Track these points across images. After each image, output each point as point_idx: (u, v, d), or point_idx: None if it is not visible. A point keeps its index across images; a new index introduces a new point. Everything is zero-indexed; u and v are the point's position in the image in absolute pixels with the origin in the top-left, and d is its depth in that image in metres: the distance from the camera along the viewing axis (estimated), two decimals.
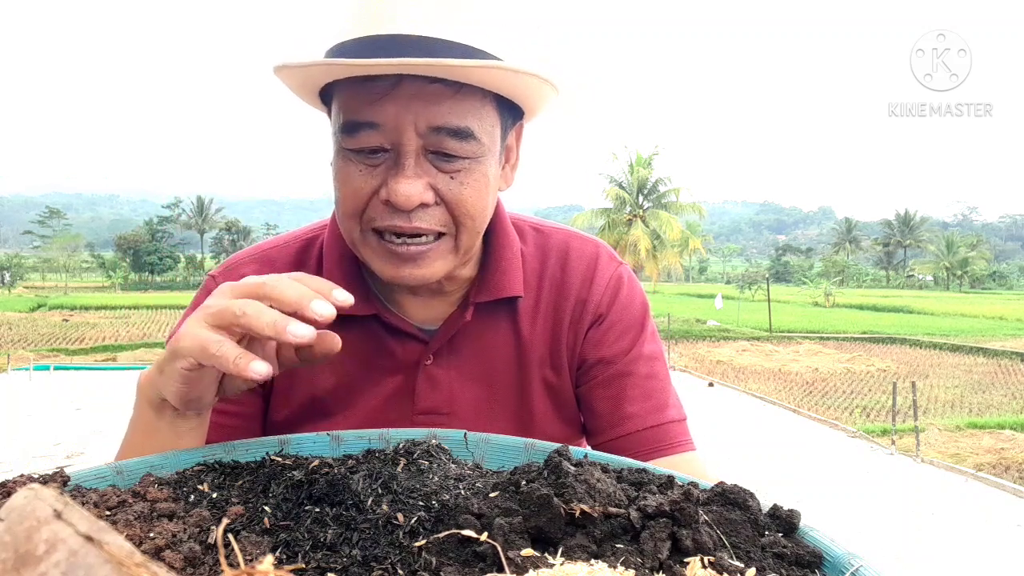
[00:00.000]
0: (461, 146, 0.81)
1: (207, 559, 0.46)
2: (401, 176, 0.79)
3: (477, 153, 0.83)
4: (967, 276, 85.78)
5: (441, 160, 0.81)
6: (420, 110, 0.78)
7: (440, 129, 0.79)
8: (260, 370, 0.61)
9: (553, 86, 0.84)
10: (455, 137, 0.80)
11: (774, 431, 10.72)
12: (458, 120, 0.80)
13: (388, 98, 0.78)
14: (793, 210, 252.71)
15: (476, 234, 0.87)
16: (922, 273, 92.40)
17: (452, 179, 0.82)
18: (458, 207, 0.83)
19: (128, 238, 72.41)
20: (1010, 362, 19.50)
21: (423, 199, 0.80)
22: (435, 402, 0.95)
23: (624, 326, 0.99)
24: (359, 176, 0.82)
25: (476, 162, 0.83)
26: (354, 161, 0.82)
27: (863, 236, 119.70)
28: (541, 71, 0.80)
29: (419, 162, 0.80)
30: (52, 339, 23.33)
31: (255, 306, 0.63)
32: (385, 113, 0.79)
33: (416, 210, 0.81)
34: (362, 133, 0.80)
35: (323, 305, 0.64)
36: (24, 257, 76.21)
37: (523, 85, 0.82)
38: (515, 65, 0.78)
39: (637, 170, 41.42)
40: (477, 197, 0.84)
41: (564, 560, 0.44)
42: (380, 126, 0.80)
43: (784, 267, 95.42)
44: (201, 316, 0.65)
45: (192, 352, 0.64)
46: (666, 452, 0.94)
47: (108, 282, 65.97)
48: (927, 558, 5.82)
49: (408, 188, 0.79)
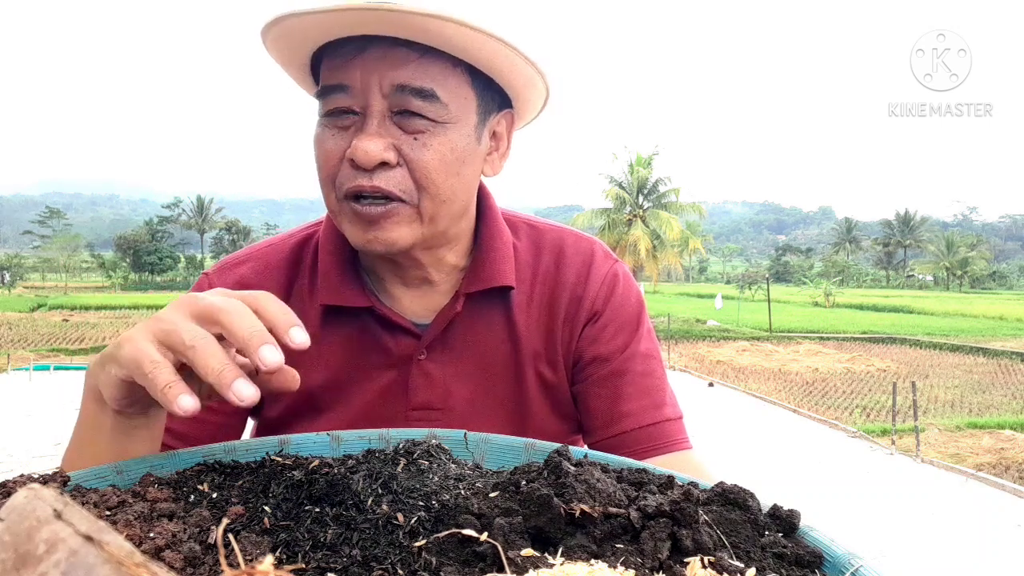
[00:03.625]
0: (424, 106, 0.82)
1: (207, 559, 0.46)
2: (363, 135, 0.82)
3: (442, 117, 0.83)
4: (967, 276, 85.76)
5: (405, 121, 0.83)
6: (385, 71, 0.81)
7: (404, 87, 0.81)
8: (185, 406, 0.55)
9: (525, 58, 0.85)
10: (418, 96, 0.82)
11: (774, 431, 10.71)
12: (422, 81, 0.82)
13: (356, 60, 0.82)
14: (793, 210, 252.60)
15: (441, 203, 0.86)
16: (922, 273, 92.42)
17: (415, 140, 0.83)
18: (418, 168, 0.83)
19: (128, 238, 72.41)
20: (1010, 362, 19.51)
21: (384, 157, 0.81)
22: (429, 397, 0.95)
23: (620, 324, 0.99)
24: (331, 139, 0.85)
25: (441, 127, 0.84)
26: (328, 126, 0.85)
27: (863, 236, 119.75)
28: (505, 35, 0.81)
29: (383, 123, 0.83)
30: (52, 339, 23.33)
31: (205, 343, 0.58)
32: (352, 75, 0.82)
33: (377, 169, 0.82)
34: (332, 96, 0.84)
35: (271, 352, 0.57)
36: (24, 257, 76.18)
37: (490, 52, 0.83)
38: (470, 20, 0.78)
39: (637, 170, 41.42)
40: (440, 162, 0.84)
41: (564, 560, 0.44)
42: (349, 88, 0.82)
43: (784, 267, 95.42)
44: (152, 328, 0.60)
45: (127, 365, 0.59)
46: (662, 450, 0.94)
47: (108, 282, 65.98)
48: (927, 558, 5.82)
49: (368, 144, 0.80)
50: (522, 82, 0.89)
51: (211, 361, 0.57)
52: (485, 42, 0.81)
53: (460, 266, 0.97)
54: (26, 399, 12.75)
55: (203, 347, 0.57)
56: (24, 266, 70.01)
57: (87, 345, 21.96)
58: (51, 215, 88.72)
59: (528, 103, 0.95)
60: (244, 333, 0.58)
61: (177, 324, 0.59)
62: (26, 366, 16.05)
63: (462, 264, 0.97)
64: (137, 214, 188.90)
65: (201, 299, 0.62)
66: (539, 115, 1.00)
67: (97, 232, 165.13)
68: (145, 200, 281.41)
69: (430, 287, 0.96)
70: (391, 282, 0.96)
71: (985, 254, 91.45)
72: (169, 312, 0.62)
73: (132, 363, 0.59)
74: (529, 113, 0.98)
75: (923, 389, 14.05)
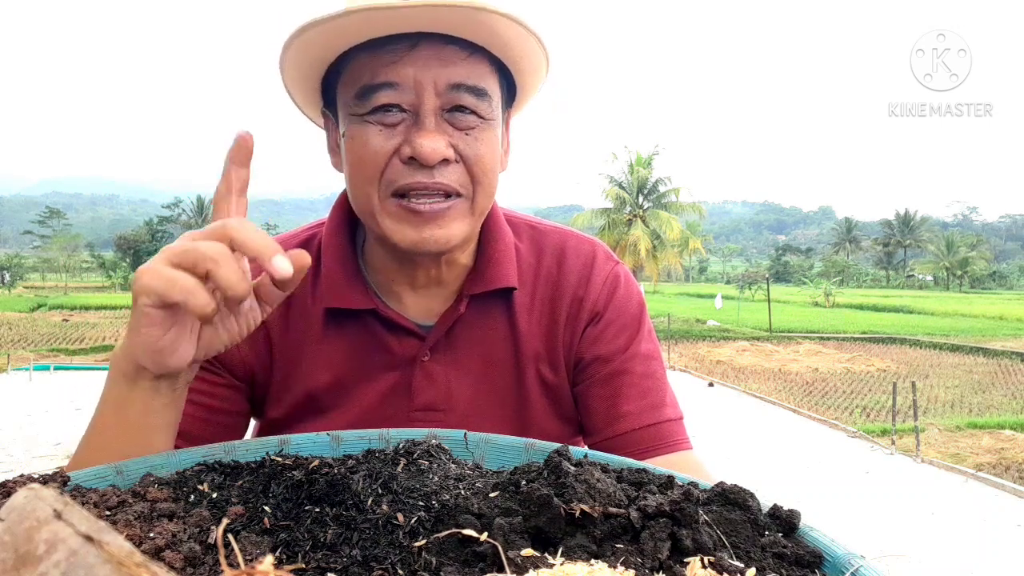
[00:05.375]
0: (478, 104, 0.84)
1: (207, 559, 0.46)
2: (423, 131, 0.82)
3: (490, 115, 0.86)
4: (967, 276, 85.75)
5: (457, 118, 0.84)
6: (439, 69, 0.82)
7: (459, 86, 0.82)
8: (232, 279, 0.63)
9: (547, 57, 0.88)
10: (473, 94, 0.83)
11: (774, 431, 10.71)
12: (476, 79, 0.84)
13: (406, 59, 0.81)
14: (793, 210, 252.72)
15: (490, 196, 0.89)
16: (922, 273, 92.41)
17: (468, 135, 0.84)
18: (476, 164, 0.85)
19: (128, 238, 72.35)
20: (1010, 362, 19.49)
21: (446, 154, 0.83)
22: (432, 398, 0.95)
23: (621, 325, 0.99)
24: (378, 136, 0.84)
25: (488, 123, 0.86)
26: (371, 123, 0.84)
27: (863, 236, 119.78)
28: (542, 35, 0.84)
29: (438, 121, 0.83)
30: (52, 339, 23.31)
31: (225, 257, 0.63)
32: (403, 74, 0.81)
33: (438, 166, 0.83)
34: (378, 93, 0.82)
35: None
36: (24, 257, 76.13)
37: (530, 54, 0.85)
38: (525, 20, 0.80)
39: (637, 170, 41.40)
40: (491, 156, 0.87)
41: (564, 560, 0.44)
42: (398, 85, 0.82)
43: (784, 267, 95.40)
44: (165, 255, 0.64)
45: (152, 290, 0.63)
46: (662, 451, 0.94)
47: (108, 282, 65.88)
48: (927, 558, 5.81)
49: (432, 142, 0.81)
50: (536, 81, 0.92)
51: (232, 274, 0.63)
52: (527, 40, 0.83)
53: (467, 265, 0.98)
54: (26, 399, 12.75)
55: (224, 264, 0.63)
56: (24, 266, 69.97)
57: (87, 345, 21.94)
58: (51, 215, 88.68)
59: (528, 99, 0.97)
60: (258, 244, 0.65)
61: (188, 245, 0.64)
62: (26, 366, 16.04)
63: (468, 263, 0.98)
64: (137, 214, 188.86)
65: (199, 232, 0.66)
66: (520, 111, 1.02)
67: (97, 232, 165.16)
68: (145, 200, 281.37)
69: (436, 288, 0.97)
70: (398, 284, 0.96)
71: (985, 254, 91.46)
72: (177, 242, 0.66)
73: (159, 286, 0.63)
74: (521, 109, 1.00)
75: (923, 389, 14.04)
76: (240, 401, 0.97)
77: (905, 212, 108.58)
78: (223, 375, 0.95)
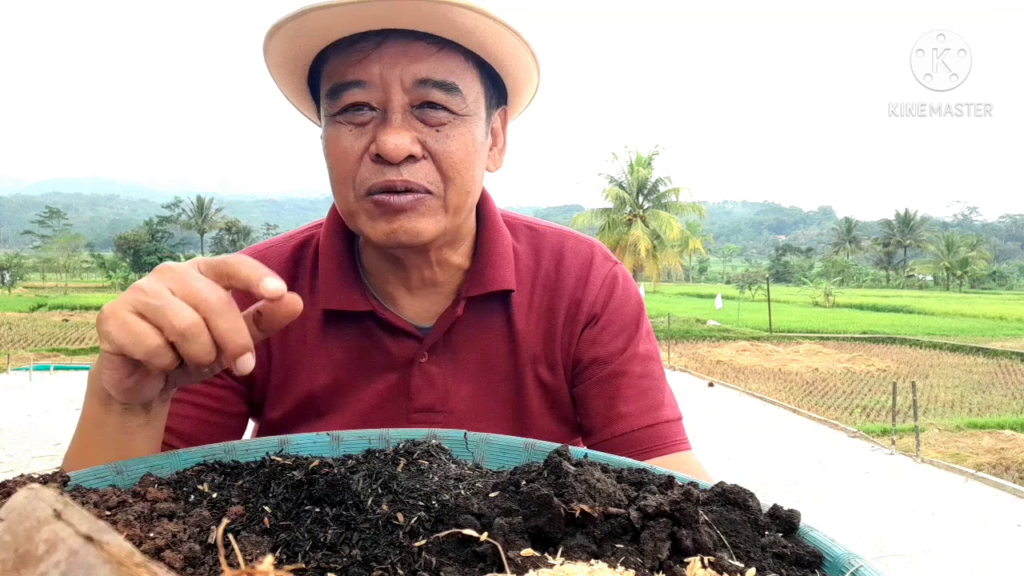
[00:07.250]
0: (447, 98, 0.83)
1: (207, 559, 0.46)
2: (389, 128, 0.81)
3: (462, 110, 0.84)
4: (967, 276, 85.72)
5: (427, 114, 0.83)
6: (406, 66, 0.81)
7: (426, 81, 0.81)
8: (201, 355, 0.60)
9: (531, 52, 0.86)
10: (441, 89, 0.82)
11: (774, 431, 10.71)
12: (444, 74, 0.82)
13: (373, 56, 0.81)
14: (793, 210, 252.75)
15: (464, 193, 0.87)
16: (922, 273, 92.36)
17: (438, 132, 0.83)
18: (444, 160, 0.84)
19: (128, 238, 72.33)
20: (1010, 362, 19.48)
21: (411, 151, 0.81)
22: (430, 400, 0.95)
23: (619, 326, 0.99)
24: (348, 136, 0.84)
25: (461, 120, 0.84)
26: (342, 123, 0.84)
27: (863, 236, 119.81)
28: (517, 27, 0.82)
29: (406, 118, 0.82)
30: (52, 339, 23.29)
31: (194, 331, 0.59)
32: (370, 71, 0.81)
33: (405, 163, 0.82)
34: (347, 92, 0.82)
35: (274, 282, 0.62)
36: (24, 257, 76.04)
37: (503, 45, 0.83)
38: (490, 9, 0.79)
39: (637, 170, 41.38)
40: (463, 153, 0.85)
41: (564, 560, 0.44)
42: (366, 83, 0.81)
43: (784, 267, 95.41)
44: (132, 301, 0.60)
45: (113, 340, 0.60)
46: (661, 452, 0.94)
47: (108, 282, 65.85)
48: (927, 558, 5.81)
49: (396, 139, 0.80)
50: (524, 77, 0.90)
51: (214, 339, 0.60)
52: (502, 34, 0.82)
53: (463, 267, 0.97)
54: (26, 399, 12.75)
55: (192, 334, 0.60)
56: (24, 266, 69.89)
57: (87, 345, 21.93)
58: (51, 215, 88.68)
59: (523, 98, 0.96)
60: (245, 272, 0.62)
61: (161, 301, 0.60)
62: (26, 366, 16.03)
63: (465, 265, 0.97)
64: (137, 214, 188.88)
65: (190, 267, 0.63)
66: (523, 112, 1.01)
67: (97, 232, 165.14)
68: (145, 200, 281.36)
69: (432, 289, 0.96)
70: (393, 285, 0.96)
71: (985, 254, 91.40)
72: (155, 280, 0.62)
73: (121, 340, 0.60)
74: (519, 108, 0.99)
75: (923, 389, 14.04)
76: (238, 403, 0.97)
77: (905, 212, 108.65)
78: (221, 376, 0.94)
